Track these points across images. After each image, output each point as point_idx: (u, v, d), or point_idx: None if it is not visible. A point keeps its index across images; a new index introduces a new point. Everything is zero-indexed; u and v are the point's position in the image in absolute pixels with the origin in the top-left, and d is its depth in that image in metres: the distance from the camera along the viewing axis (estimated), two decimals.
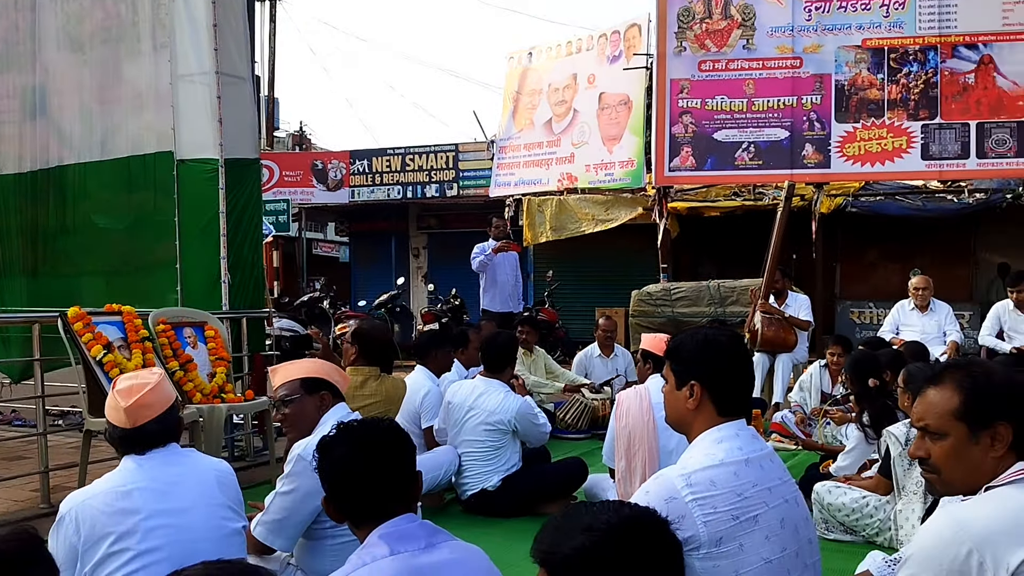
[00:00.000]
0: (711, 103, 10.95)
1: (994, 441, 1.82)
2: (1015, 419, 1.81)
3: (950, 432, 1.87)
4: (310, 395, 3.04)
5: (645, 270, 11.75)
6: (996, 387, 1.85)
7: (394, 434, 2.11)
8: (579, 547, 1.36)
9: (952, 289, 11.03)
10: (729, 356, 2.35)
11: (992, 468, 1.82)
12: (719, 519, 2.13)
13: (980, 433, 1.83)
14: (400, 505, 2.02)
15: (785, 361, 7.45)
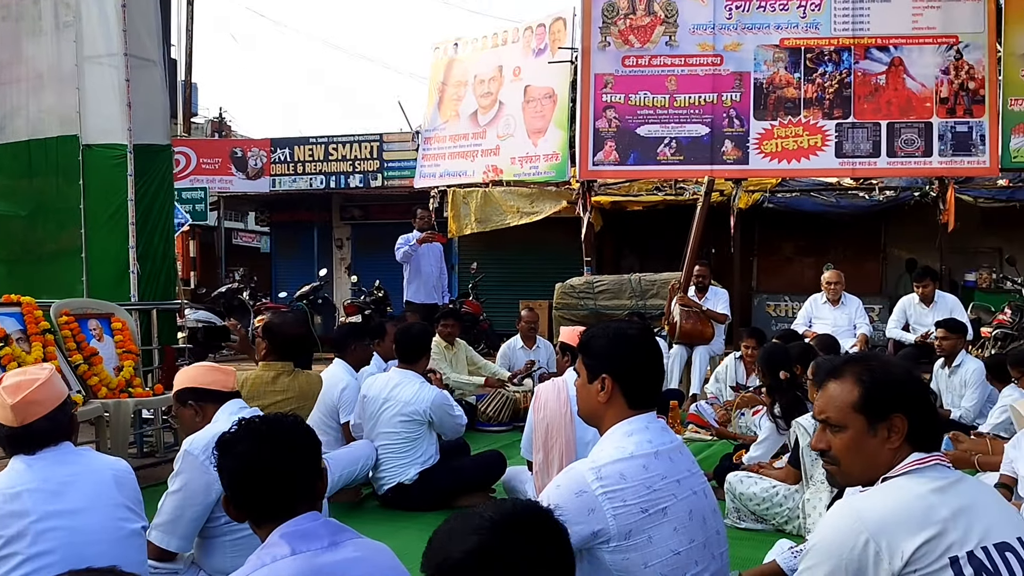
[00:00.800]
0: (634, 98, 11.06)
1: (890, 433, 1.87)
2: (910, 411, 1.85)
3: (849, 424, 1.90)
4: (183, 407, 3.02)
5: (569, 263, 11.82)
6: (893, 380, 1.90)
7: (298, 429, 2.05)
8: (469, 550, 1.34)
9: (863, 283, 11.42)
10: (639, 350, 2.37)
11: (888, 459, 1.87)
12: (628, 512, 2.14)
13: (877, 425, 1.87)
14: (304, 503, 1.96)
15: (702, 353, 7.59)
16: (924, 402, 1.90)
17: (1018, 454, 3.95)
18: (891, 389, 1.88)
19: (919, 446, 1.87)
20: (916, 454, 1.87)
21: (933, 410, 1.92)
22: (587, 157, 11.13)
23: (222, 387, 3.02)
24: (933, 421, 1.90)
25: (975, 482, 1.93)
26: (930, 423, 1.89)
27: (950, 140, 10.36)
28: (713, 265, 12.45)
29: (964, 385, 6.01)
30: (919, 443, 1.87)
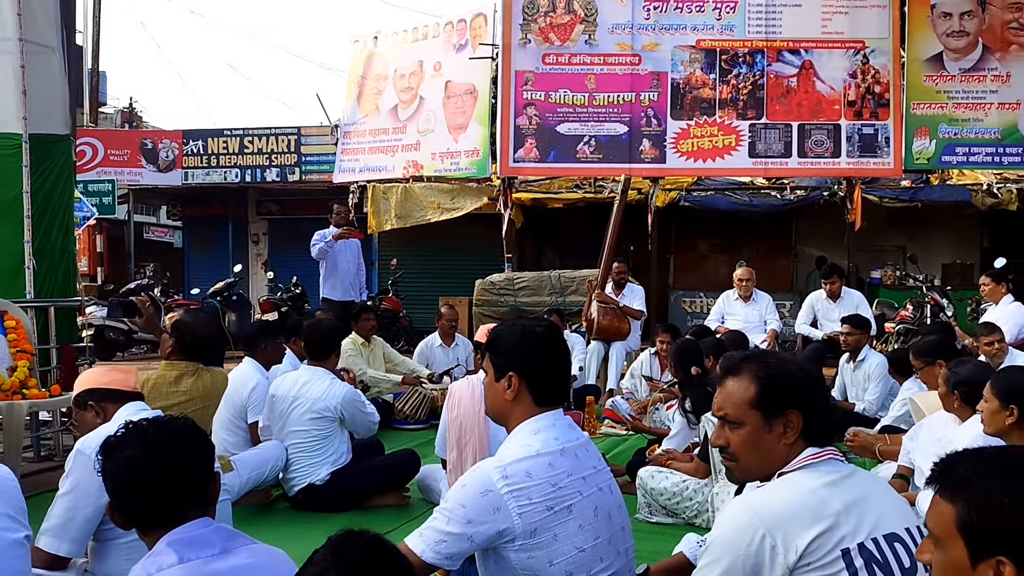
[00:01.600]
0: (554, 96, 11.11)
1: (786, 428, 1.90)
2: (804, 407, 1.89)
3: (746, 420, 1.93)
4: (83, 410, 2.91)
5: (490, 259, 11.81)
6: (788, 377, 1.93)
7: (187, 432, 1.97)
8: None
9: (775, 280, 11.73)
10: (546, 348, 2.36)
11: (784, 454, 1.90)
12: (534, 510, 2.13)
13: (773, 421, 1.90)
14: (194, 508, 1.88)
15: (619, 349, 7.67)
16: (818, 398, 1.94)
17: (915, 445, 4.10)
18: (786, 385, 1.91)
19: (814, 441, 1.91)
20: (811, 449, 1.90)
21: (827, 406, 1.96)
22: (508, 154, 11.13)
23: (122, 386, 2.90)
24: (827, 416, 1.94)
25: (867, 475, 1.98)
26: (824, 418, 1.93)
27: (857, 142, 10.72)
28: (631, 262, 12.65)
29: (868, 379, 6.22)
30: (814, 438, 1.91)
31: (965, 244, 12.69)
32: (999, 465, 1.41)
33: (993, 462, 1.42)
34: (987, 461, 1.42)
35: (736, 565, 1.78)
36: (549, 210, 12.43)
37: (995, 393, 3.00)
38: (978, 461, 1.43)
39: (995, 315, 6.82)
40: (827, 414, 1.95)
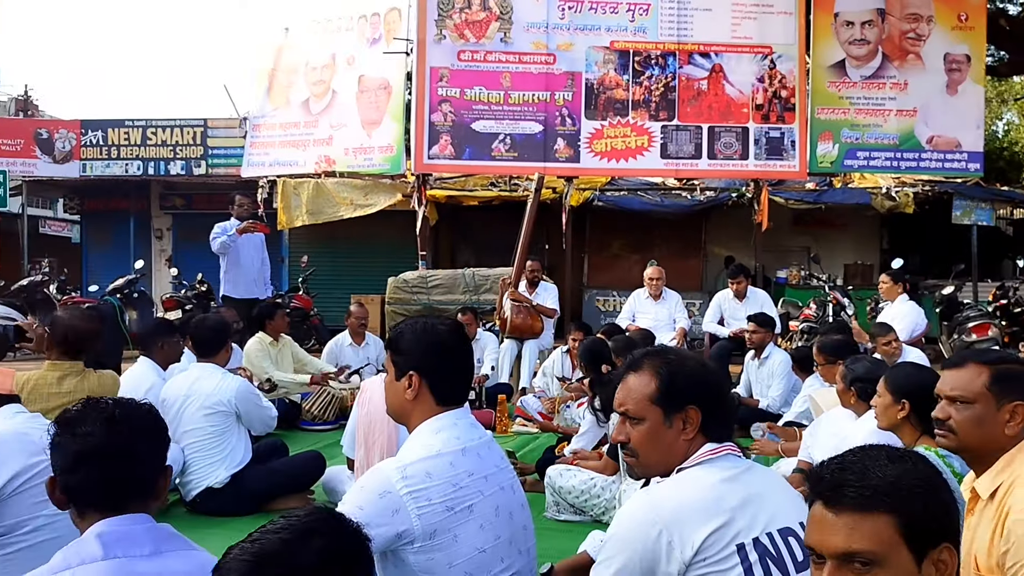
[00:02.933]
0: (470, 93, 11.06)
1: (685, 424, 1.90)
2: (703, 403, 1.89)
3: (647, 416, 1.93)
4: None
5: (404, 257, 11.68)
6: (687, 373, 1.93)
7: (150, 420, 1.90)
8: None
9: (685, 279, 11.95)
10: (447, 346, 2.33)
11: (684, 450, 1.91)
12: (434, 511, 2.10)
13: (673, 417, 1.90)
14: (136, 501, 1.78)
15: (532, 347, 7.68)
16: (717, 394, 1.94)
17: (814, 441, 4.21)
18: (686, 382, 1.92)
19: (712, 436, 1.91)
20: (709, 445, 1.91)
21: (726, 402, 1.97)
22: (422, 150, 11.02)
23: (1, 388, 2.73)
24: (726, 412, 1.95)
25: (763, 470, 2.00)
26: (723, 414, 1.94)
27: (764, 145, 11.01)
28: (546, 261, 12.71)
29: (772, 376, 6.38)
30: (712, 434, 1.91)
31: (866, 245, 13.20)
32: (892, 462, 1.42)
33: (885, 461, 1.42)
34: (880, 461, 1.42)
35: (633, 561, 1.77)
36: (464, 208, 12.37)
37: (888, 389, 3.08)
38: (874, 464, 1.42)
39: (890, 314, 7.08)
40: (726, 410, 1.96)
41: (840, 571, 1.36)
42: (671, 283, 8.56)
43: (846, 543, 1.34)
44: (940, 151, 11.14)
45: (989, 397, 2.12)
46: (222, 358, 4.51)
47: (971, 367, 2.18)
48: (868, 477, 1.37)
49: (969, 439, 2.15)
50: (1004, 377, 2.13)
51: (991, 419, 2.11)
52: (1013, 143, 21.45)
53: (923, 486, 1.36)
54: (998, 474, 2.09)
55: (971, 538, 2.12)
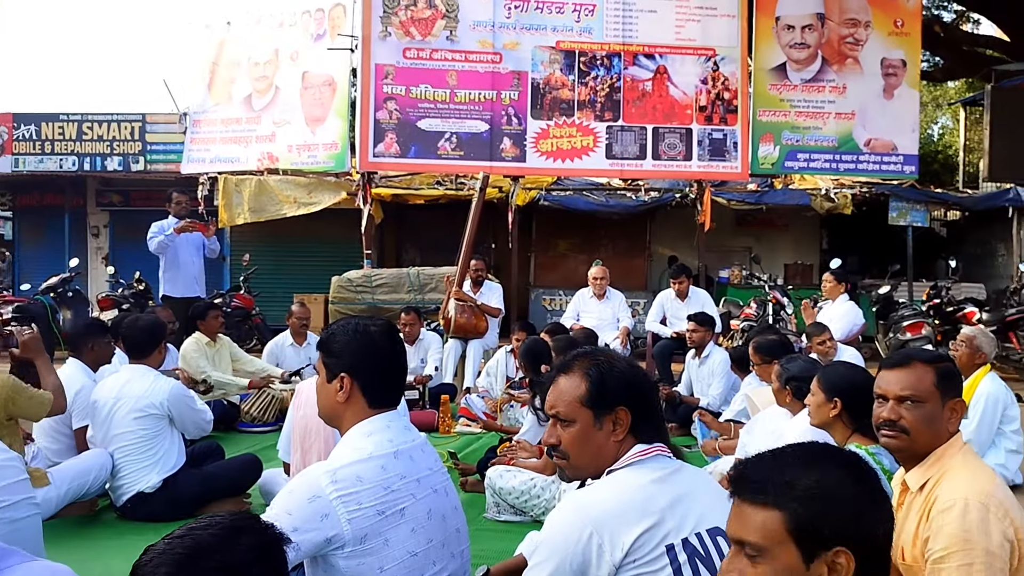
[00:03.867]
0: (415, 91, 10.99)
1: (615, 426, 1.90)
2: (633, 404, 1.89)
3: (577, 418, 1.92)
4: None
5: (349, 256, 11.56)
6: (617, 375, 1.92)
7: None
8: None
9: (630, 279, 12.06)
10: (380, 348, 2.29)
11: (614, 452, 1.91)
12: (364, 515, 2.06)
13: (603, 418, 1.90)
14: None
15: (476, 347, 7.65)
16: (646, 395, 1.94)
17: (750, 439, 4.26)
18: (615, 383, 1.91)
19: (643, 438, 1.91)
20: (639, 446, 1.91)
21: (655, 403, 1.97)
22: (367, 148, 10.92)
23: None
24: (655, 413, 1.95)
25: (693, 471, 2.00)
26: (652, 415, 1.94)
27: (707, 146, 11.15)
28: (492, 260, 12.70)
29: (712, 374, 6.45)
30: (643, 435, 1.91)
31: (805, 245, 13.45)
32: (806, 462, 1.43)
33: (798, 460, 1.44)
34: (792, 460, 1.44)
35: (564, 564, 1.76)
36: (410, 206, 12.29)
37: (820, 387, 3.13)
38: (783, 462, 1.44)
39: (830, 313, 7.22)
40: (655, 411, 1.96)
41: (737, 556, 1.43)
42: (617, 283, 8.61)
43: (738, 531, 1.42)
44: (877, 154, 11.41)
45: (936, 395, 2.16)
46: (155, 359, 4.39)
47: (918, 367, 2.21)
48: (769, 473, 1.42)
49: (920, 438, 2.17)
50: (946, 375, 2.18)
51: (938, 417, 2.16)
52: (947, 147, 22.10)
53: (821, 489, 1.38)
54: (928, 468, 2.14)
55: (899, 530, 2.17)
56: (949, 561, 1.95)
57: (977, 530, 1.94)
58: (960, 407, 2.16)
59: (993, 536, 1.94)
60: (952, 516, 1.98)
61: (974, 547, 1.93)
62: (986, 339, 5.33)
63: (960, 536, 1.94)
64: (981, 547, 1.92)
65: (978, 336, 5.29)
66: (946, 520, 1.98)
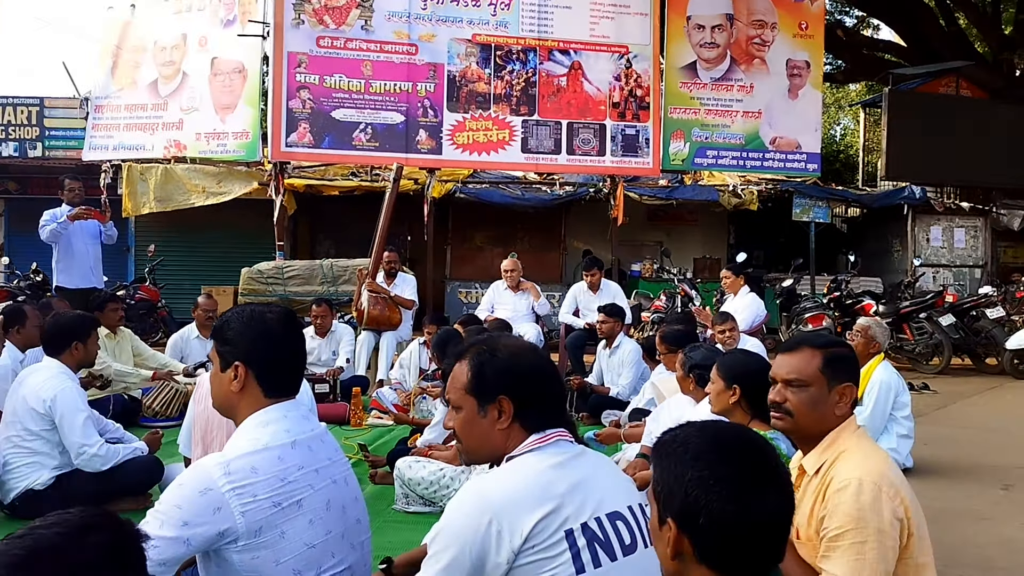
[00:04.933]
0: (329, 80, 10.82)
1: (500, 414, 1.91)
2: (515, 393, 1.90)
3: (463, 405, 1.95)
4: None
5: (261, 247, 11.31)
6: (497, 364, 1.94)
7: None
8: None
9: (546, 272, 12.16)
10: (276, 335, 2.24)
11: (501, 440, 1.92)
12: (259, 507, 2.02)
13: (487, 407, 1.91)
14: None
15: (390, 339, 7.59)
16: (532, 385, 1.93)
17: (657, 426, 4.35)
18: (494, 373, 1.92)
19: (532, 426, 1.92)
20: (539, 432, 1.91)
21: (544, 392, 1.95)
22: (280, 138, 10.71)
23: None
24: (544, 403, 1.94)
25: (594, 455, 2.02)
26: (541, 405, 1.94)
27: (620, 142, 11.33)
28: (408, 252, 12.61)
29: (622, 364, 6.56)
30: (531, 423, 1.91)
31: (714, 240, 13.81)
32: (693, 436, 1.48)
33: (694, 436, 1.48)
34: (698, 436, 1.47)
35: (463, 553, 1.76)
36: (324, 198, 12.10)
37: (720, 375, 3.21)
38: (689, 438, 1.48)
39: (733, 306, 7.43)
40: (545, 401, 1.95)
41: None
42: (532, 276, 8.67)
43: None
44: (782, 152, 11.78)
45: (822, 379, 2.23)
46: (69, 357, 4.18)
47: (805, 351, 2.28)
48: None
49: (804, 420, 2.25)
50: (834, 360, 2.24)
51: (823, 400, 2.22)
52: (849, 147, 22.97)
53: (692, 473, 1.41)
54: (824, 451, 2.21)
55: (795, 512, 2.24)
56: (843, 539, 2.02)
57: (870, 509, 2.01)
58: (849, 392, 2.22)
59: (885, 515, 2.01)
60: (847, 496, 2.05)
61: (867, 525, 2.00)
62: (880, 329, 5.56)
63: (854, 515, 2.02)
64: (873, 525, 2.00)
65: (872, 327, 5.52)
66: (841, 499, 2.05)
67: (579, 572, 1.77)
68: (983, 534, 4.31)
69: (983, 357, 10.20)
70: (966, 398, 8.46)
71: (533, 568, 1.75)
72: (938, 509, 4.63)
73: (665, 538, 1.40)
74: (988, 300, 10.19)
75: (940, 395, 8.46)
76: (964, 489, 5.16)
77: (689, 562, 1.38)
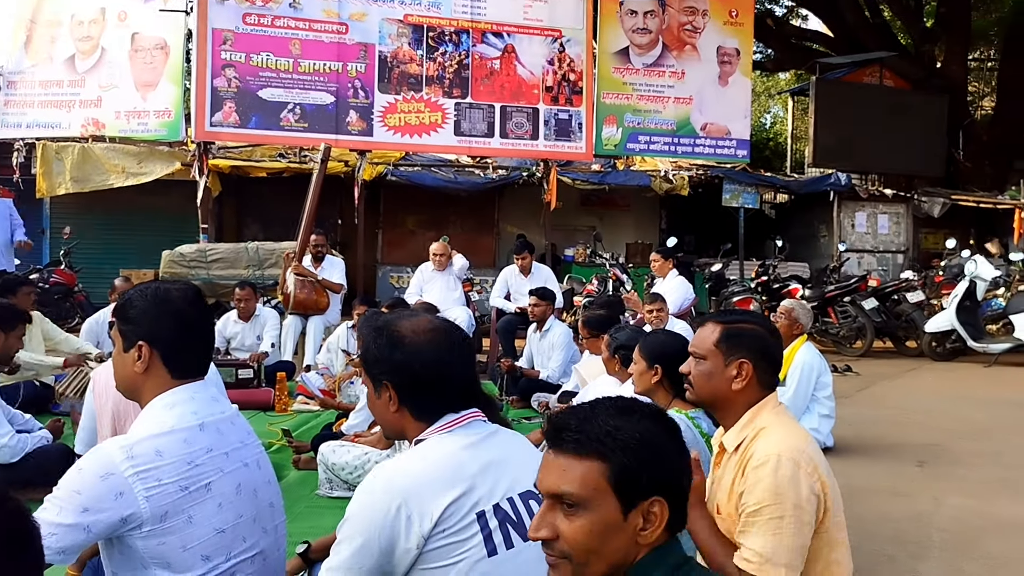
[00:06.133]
0: (256, 59, 10.56)
1: (390, 397, 1.88)
2: (394, 379, 1.87)
3: (367, 386, 1.96)
4: None
5: (185, 230, 10.97)
6: (375, 349, 1.91)
7: None
8: None
9: (479, 256, 12.08)
10: (182, 313, 2.14)
11: (396, 420, 1.90)
12: (164, 492, 1.93)
13: (379, 389, 1.90)
14: None
15: (317, 323, 7.45)
16: (406, 371, 1.87)
17: None
18: (373, 359, 1.91)
19: (422, 412, 1.87)
20: (451, 415, 1.87)
21: (431, 379, 1.88)
22: (204, 117, 10.42)
23: None
24: (432, 390, 1.89)
25: (509, 435, 1.98)
26: (426, 391, 1.88)
27: (553, 126, 11.34)
28: (338, 236, 12.42)
29: (552, 348, 6.55)
30: (421, 409, 1.87)
31: (646, 225, 13.93)
32: (621, 412, 1.43)
33: (614, 411, 1.44)
34: (609, 410, 1.44)
35: (372, 540, 1.71)
36: (251, 179, 11.80)
37: (642, 354, 3.20)
38: (601, 412, 1.43)
39: (661, 288, 7.50)
40: (432, 387, 1.88)
41: (551, 510, 1.40)
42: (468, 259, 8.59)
43: (556, 483, 1.38)
44: (712, 138, 11.95)
45: (718, 353, 2.24)
46: None
47: (709, 325, 2.31)
48: (588, 424, 1.40)
49: (702, 392, 2.28)
50: (732, 335, 2.25)
51: (719, 373, 2.23)
52: (778, 135, 23.45)
53: (640, 439, 1.38)
54: (743, 428, 2.22)
55: (716, 487, 2.25)
56: (761, 514, 2.03)
57: (788, 485, 2.03)
58: (745, 367, 2.22)
59: (802, 491, 2.03)
60: (765, 472, 2.06)
61: (785, 501, 2.02)
62: (803, 311, 5.67)
63: (772, 490, 2.03)
64: (791, 501, 2.02)
65: (796, 308, 5.62)
66: (760, 475, 2.06)
67: (491, 554, 1.75)
68: (898, 509, 4.43)
69: (904, 340, 10.53)
70: (887, 379, 8.72)
71: (444, 552, 1.72)
72: (857, 486, 4.75)
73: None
74: (909, 284, 10.52)
75: (862, 377, 8.70)
76: (882, 466, 5.31)
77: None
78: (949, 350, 9.84)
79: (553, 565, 1.40)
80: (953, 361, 9.82)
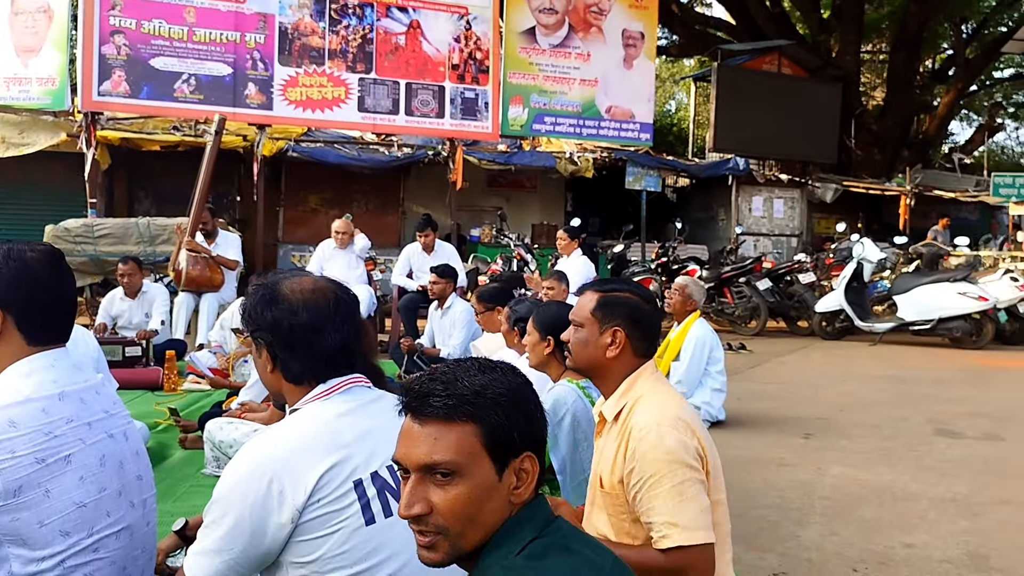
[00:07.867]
0: (147, 26, 10.11)
1: (265, 357, 1.86)
2: (267, 335, 1.84)
3: (252, 347, 1.93)
4: None
5: (71, 204, 10.44)
6: (256, 305, 1.87)
7: None
8: None
9: (384, 235, 11.93)
10: (37, 276, 2.00)
11: (273, 381, 1.88)
12: (18, 464, 1.81)
13: (259, 348, 1.87)
14: None
15: (211, 301, 7.22)
16: (278, 328, 1.83)
17: None
18: (252, 314, 1.87)
19: (291, 372, 1.82)
20: (323, 385, 1.81)
21: (298, 337, 1.82)
22: (91, 86, 9.92)
23: None
24: (297, 346, 1.84)
25: (392, 400, 1.93)
26: (297, 347, 1.83)
27: (460, 105, 11.24)
28: (237, 213, 12.05)
29: (453, 325, 6.51)
30: (288, 370, 1.83)
31: (551, 206, 14.00)
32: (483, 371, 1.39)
33: (475, 370, 1.40)
34: (470, 371, 1.40)
35: (243, 520, 1.64)
36: (143, 152, 11.30)
37: (535, 326, 3.21)
38: (463, 373, 1.39)
39: (564, 267, 7.55)
40: (311, 349, 1.83)
41: (423, 484, 1.32)
42: (370, 239, 8.46)
43: (428, 454, 1.30)
44: (617, 120, 12.08)
45: (593, 321, 2.24)
46: None
47: (588, 294, 2.31)
48: (455, 387, 1.34)
49: (579, 359, 2.29)
50: (607, 303, 2.25)
51: (594, 341, 2.24)
52: (682, 120, 23.93)
53: (507, 396, 1.35)
54: (621, 397, 2.22)
55: (599, 458, 2.25)
56: (661, 484, 2.03)
57: (677, 449, 2.04)
58: (619, 335, 2.22)
59: (691, 453, 2.06)
60: (649, 444, 2.06)
61: (678, 467, 2.03)
62: (696, 288, 5.79)
63: (664, 459, 2.04)
64: (685, 464, 2.03)
65: (689, 285, 5.74)
66: (646, 448, 2.07)
67: (369, 523, 1.70)
68: (783, 478, 4.59)
69: (796, 320, 10.93)
70: (778, 357, 9.03)
71: (321, 522, 1.67)
72: (745, 457, 4.89)
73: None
74: (801, 266, 10.91)
75: (755, 354, 8.99)
76: (769, 438, 5.48)
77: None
78: (838, 329, 10.26)
79: (429, 545, 1.32)
80: (841, 340, 10.24)
